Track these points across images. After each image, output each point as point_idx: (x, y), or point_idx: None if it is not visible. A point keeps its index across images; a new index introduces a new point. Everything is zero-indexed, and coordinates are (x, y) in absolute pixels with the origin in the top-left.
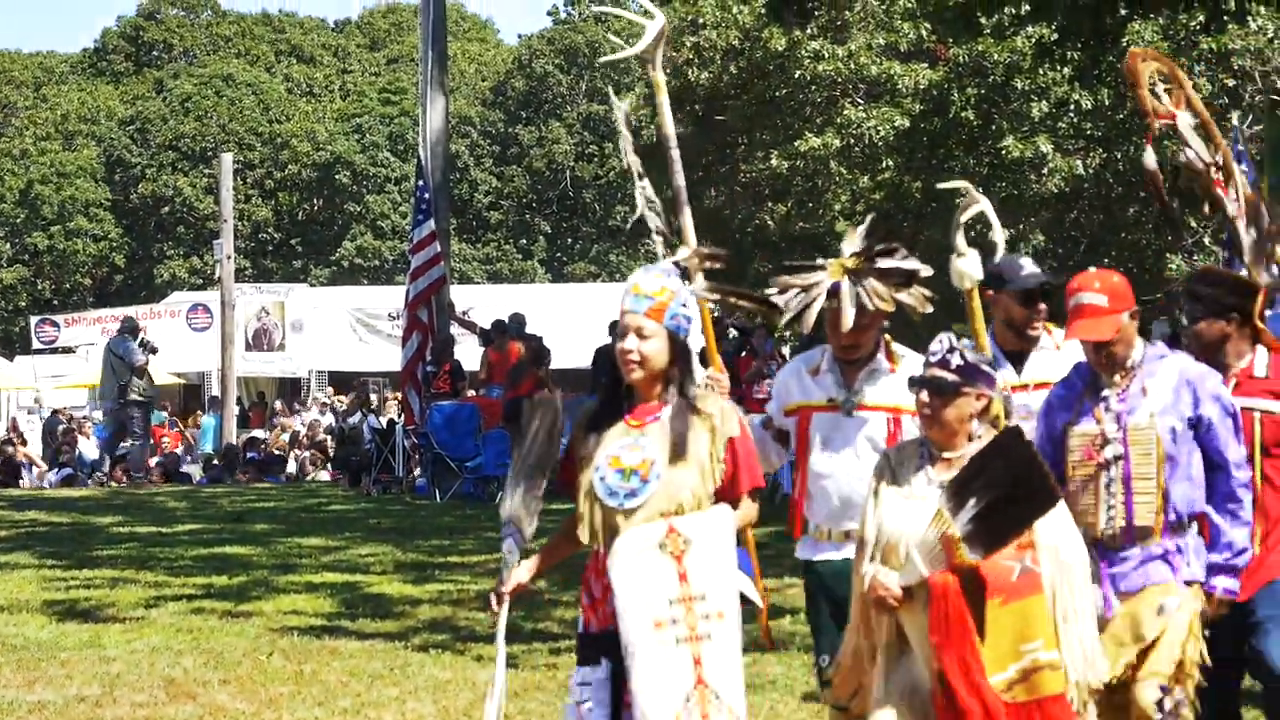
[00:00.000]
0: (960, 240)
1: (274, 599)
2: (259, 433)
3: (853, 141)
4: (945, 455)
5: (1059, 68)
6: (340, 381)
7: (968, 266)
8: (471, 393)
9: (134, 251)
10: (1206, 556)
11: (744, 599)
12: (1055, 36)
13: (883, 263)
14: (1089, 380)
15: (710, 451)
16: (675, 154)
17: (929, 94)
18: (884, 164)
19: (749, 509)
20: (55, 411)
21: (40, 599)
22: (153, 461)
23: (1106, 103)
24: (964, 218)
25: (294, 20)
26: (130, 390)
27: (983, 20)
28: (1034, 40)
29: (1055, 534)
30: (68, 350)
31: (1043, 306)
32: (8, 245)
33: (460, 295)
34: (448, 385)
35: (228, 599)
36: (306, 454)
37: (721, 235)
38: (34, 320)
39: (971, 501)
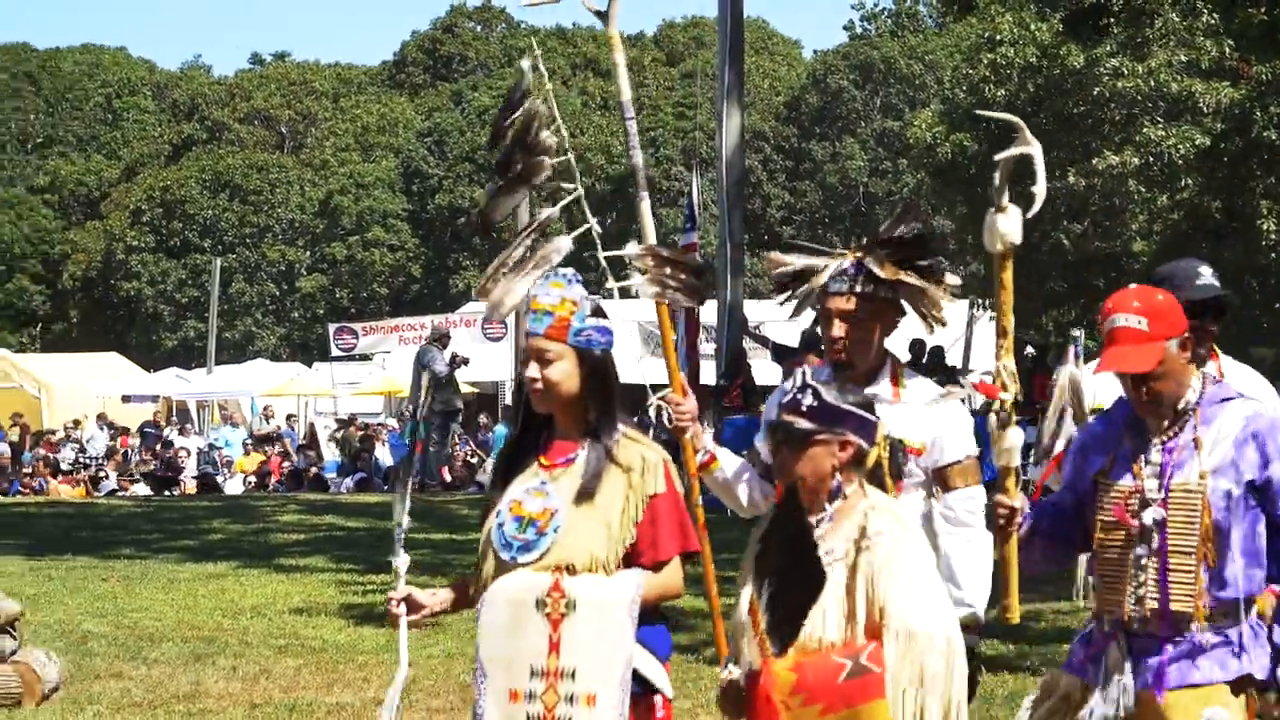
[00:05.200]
0: (1004, 193)
1: None
2: None
3: (1151, 160)
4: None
5: None
6: (628, 393)
7: (1007, 226)
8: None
9: (430, 261)
10: (1267, 645)
11: (649, 686)
12: None
13: (901, 247)
14: (1132, 421)
15: (623, 509)
16: (632, 126)
17: (1230, 112)
18: (1183, 183)
19: (670, 578)
20: (351, 417)
21: (338, 602)
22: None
23: None
24: (1007, 155)
25: (589, 34)
26: (434, 400)
27: None
28: None
29: (911, 617)
30: (365, 358)
31: (1213, 327)
32: (307, 254)
33: (753, 310)
34: (740, 400)
35: None
36: None
37: (1017, 254)
38: (332, 328)
39: (765, 584)
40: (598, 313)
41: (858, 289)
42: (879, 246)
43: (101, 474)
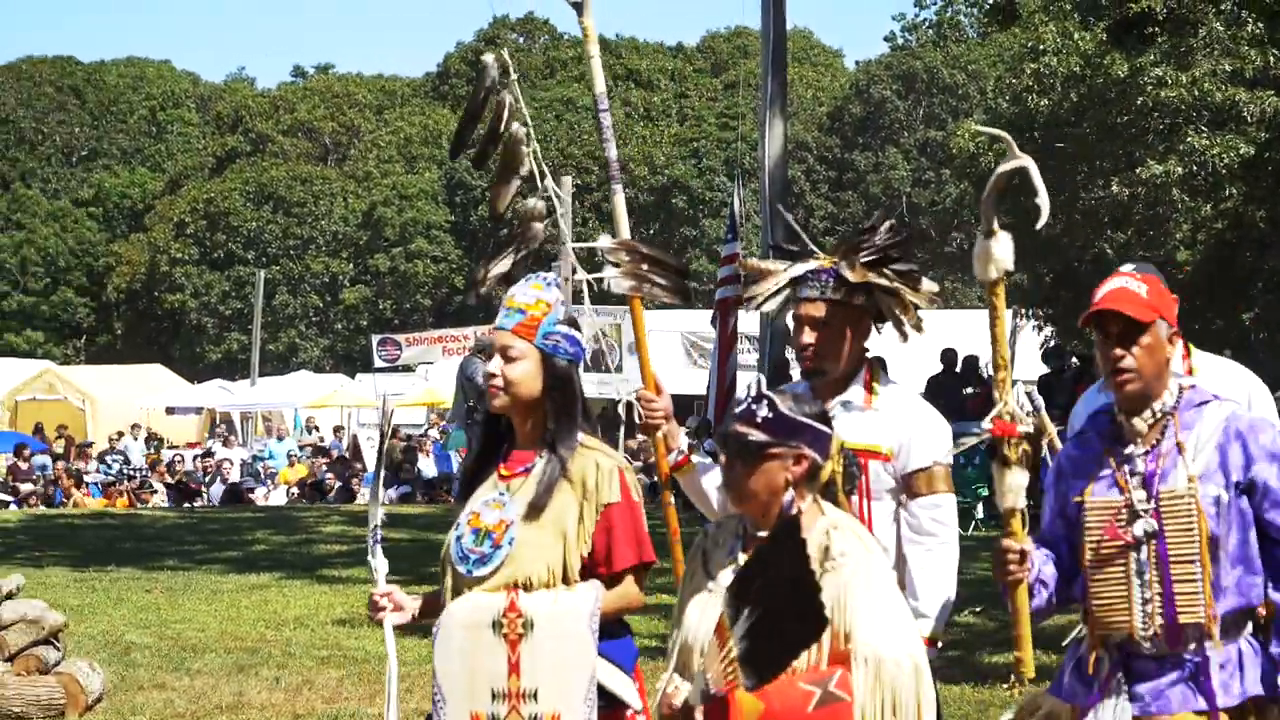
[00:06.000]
0: (993, 217)
1: None
2: None
3: (1195, 169)
4: (760, 534)
5: None
6: (675, 404)
7: (999, 251)
8: None
9: (473, 273)
10: (1267, 659)
11: (616, 701)
12: None
13: (875, 252)
14: (1109, 435)
15: (579, 519)
16: (606, 119)
17: (1275, 121)
18: (1227, 192)
19: (628, 590)
20: (394, 429)
21: None
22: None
23: None
24: (1002, 169)
25: (631, 44)
26: (476, 411)
27: None
28: None
29: (878, 641)
30: (407, 369)
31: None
32: (350, 266)
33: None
34: None
35: None
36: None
37: (1059, 263)
38: (375, 339)
39: (745, 612)
40: (571, 324)
41: (829, 295)
42: (853, 251)
43: (147, 486)
